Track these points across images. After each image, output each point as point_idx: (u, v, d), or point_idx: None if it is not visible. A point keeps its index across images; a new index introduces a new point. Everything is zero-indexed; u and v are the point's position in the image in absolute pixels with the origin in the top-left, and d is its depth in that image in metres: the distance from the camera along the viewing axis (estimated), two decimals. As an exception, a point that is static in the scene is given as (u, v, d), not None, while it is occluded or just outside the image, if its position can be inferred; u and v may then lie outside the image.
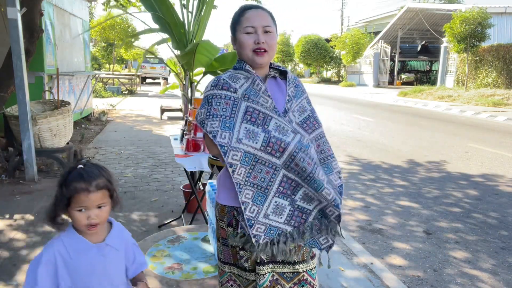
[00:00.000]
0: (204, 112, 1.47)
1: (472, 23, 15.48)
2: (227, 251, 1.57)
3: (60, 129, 4.98)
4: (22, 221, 3.61)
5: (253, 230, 1.43)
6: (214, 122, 1.44)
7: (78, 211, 1.28)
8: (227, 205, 1.54)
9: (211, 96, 1.49)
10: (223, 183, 1.56)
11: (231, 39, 1.61)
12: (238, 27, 1.55)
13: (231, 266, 1.58)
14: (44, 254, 1.31)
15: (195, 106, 3.33)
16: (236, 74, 1.54)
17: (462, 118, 11.74)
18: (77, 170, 1.31)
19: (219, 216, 1.57)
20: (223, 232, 1.56)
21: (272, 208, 1.47)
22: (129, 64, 32.02)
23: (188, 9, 4.15)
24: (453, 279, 2.87)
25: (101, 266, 1.35)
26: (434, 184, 5.14)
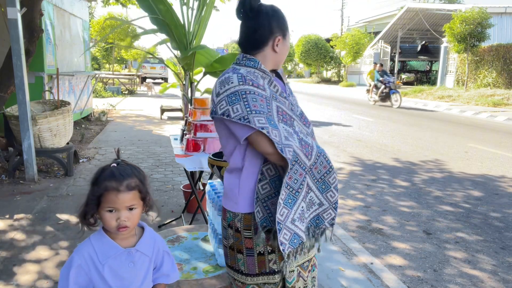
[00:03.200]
0: (242, 107, 1.34)
1: (472, 23, 15.48)
2: (252, 261, 1.46)
3: (60, 129, 4.98)
4: (22, 221, 3.61)
5: (281, 237, 1.35)
6: (260, 118, 1.33)
7: (108, 212, 1.24)
8: (252, 212, 1.44)
9: (243, 92, 1.36)
10: (244, 189, 1.45)
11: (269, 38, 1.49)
12: (288, 31, 1.53)
13: (255, 277, 1.48)
14: (74, 257, 1.27)
15: (195, 106, 3.33)
16: (252, 71, 1.45)
17: (462, 118, 11.74)
18: (110, 168, 1.27)
19: (244, 226, 1.45)
20: (249, 242, 1.45)
21: (299, 213, 1.40)
22: (129, 64, 32.01)
23: (188, 8, 4.15)
24: (453, 279, 2.87)
25: (130, 272, 1.31)
26: (434, 184, 5.14)
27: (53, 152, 4.96)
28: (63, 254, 3.01)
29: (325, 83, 31.58)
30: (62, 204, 4.05)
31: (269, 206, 1.43)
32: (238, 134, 1.38)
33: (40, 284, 2.60)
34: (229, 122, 1.39)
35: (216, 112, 1.39)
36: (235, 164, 1.46)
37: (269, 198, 1.42)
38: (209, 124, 3.29)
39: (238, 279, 1.51)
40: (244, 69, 1.45)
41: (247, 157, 1.44)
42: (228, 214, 1.49)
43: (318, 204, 1.47)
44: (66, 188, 4.56)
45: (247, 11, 1.47)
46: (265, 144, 1.34)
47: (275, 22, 1.48)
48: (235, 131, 1.39)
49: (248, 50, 1.51)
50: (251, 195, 1.44)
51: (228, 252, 1.53)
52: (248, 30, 1.49)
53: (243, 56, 1.50)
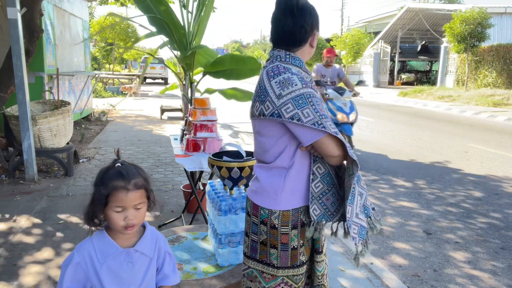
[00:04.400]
0: (312, 112, 1.37)
1: (472, 23, 15.48)
2: (286, 255, 1.52)
3: (60, 129, 4.98)
4: (22, 221, 3.61)
5: (352, 232, 1.42)
6: (330, 123, 1.39)
7: (116, 211, 1.24)
8: (291, 208, 1.50)
9: (308, 95, 1.39)
10: (290, 187, 1.49)
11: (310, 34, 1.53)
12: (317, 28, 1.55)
13: (286, 269, 1.54)
14: (74, 254, 1.28)
15: (195, 106, 3.33)
16: (300, 72, 1.48)
17: (462, 118, 11.74)
18: (115, 168, 1.27)
19: (282, 222, 1.50)
20: (285, 237, 1.51)
21: (359, 206, 1.47)
22: (129, 64, 32.02)
23: (188, 10, 4.15)
24: (453, 279, 2.87)
25: (128, 272, 1.30)
26: (434, 184, 5.14)
27: (53, 152, 4.96)
28: (63, 254, 3.01)
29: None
30: (62, 204, 4.05)
31: (325, 202, 1.51)
32: (305, 137, 1.41)
33: (40, 284, 2.60)
34: (295, 125, 1.40)
35: (281, 115, 1.39)
36: (281, 164, 1.49)
37: (323, 195, 1.51)
38: (209, 124, 3.29)
39: (267, 271, 1.56)
40: (295, 69, 1.47)
41: (296, 157, 1.48)
42: (262, 211, 1.54)
43: (359, 194, 1.52)
44: (66, 188, 4.56)
45: (293, 8, 1.48)
46: (333, 147, 1.41)
47: (315, 18, 1.53)
48: (300, 134, 1.41)
49: (288, 47, 1.51)
50: (295, 193, 1.50)
51: (259, 247, 1.57)
52: (293, 27, 1.49)
53: (286, 53, 1.50)
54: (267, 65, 1.52)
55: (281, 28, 1.51)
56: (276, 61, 1.50)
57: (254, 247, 1.59)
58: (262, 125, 1.49)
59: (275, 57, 1.51)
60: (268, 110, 1.42)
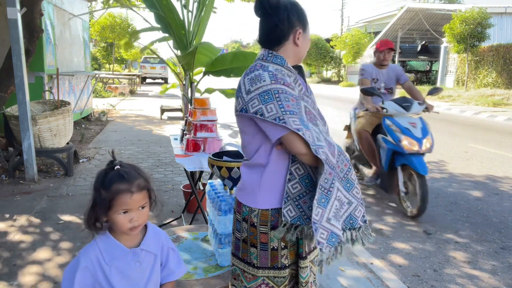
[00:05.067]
0: (276, 107, 1.35)
1: (472, 23, 15.48)
2: (266, 255, 1.51)
3: (60, 129, 4.98)
4: (22, 221, 3.61)
5: (317, 236, 1.37)
6: (295, 119, 1.35)
7: (121, 214, 1.23)
8: (270, 208, 1.48)
9: (275, 91, 1.37)
10: (266, 185, 1.47)
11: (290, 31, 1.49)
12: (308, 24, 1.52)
13: (266, 270, 1.52)
14: (81, 259, 1.27)
15: (195, 106, 3.33)
16: (280, 69, 1.45)
17: (462, 118, 11.74)
18: (115, 171, 1.26)
19: (261, 221, 1.48)
20: (264, 237, 1.49)
21: (334, 212, 1.41)
22: (129, 64, 32.01)
23: (188, 10, 4.16)
24: (453, 279, 2.87)
25: (136, 271, 1.31)
26: (434, 184, 5.13)
27: (53, 152, 4.96)
28: (63, 254, 3.01)
29: (325, 83, 31.59)
30: (62, 204, 4.05)
31: (301, 204, 1.46)
32: (271, 133, 1.40)
33: (40, 284, 2.60)
34: (261, 121, 1.40)
35: (247, 110, 1.40)
36: (258, 161, 1.48)
37: (300, 197, 1.46)
38: (209, 124, 3.29)
39: (248, 271, 1.54)
40: (273, 67, 1.46)
41: (273, 155, 1.46)
42: (244, 208, 1.53)
43: (347, 203, 1.48)
44: (66, 188, 4.56)
45: (266, 7, 1.47)
46: (299, 145, 1.36)
47: (294, 16, 1.49)
48: (267, 130, 1.40)
49: (270, 47, 1.52)
50: (272, 192, 1.47)
51: (241, 244, 1.56)
52: (269, 27, 1.50)
53: (268, 52, 1.50)
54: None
55: (261, 29, 1.53)
56: (258, 60, 1.51)
57: (237, 245, 1.59)
58: (240, 121, 1.51)
59: (259, 56, 1.53)
60: (239, 106, 1.44)
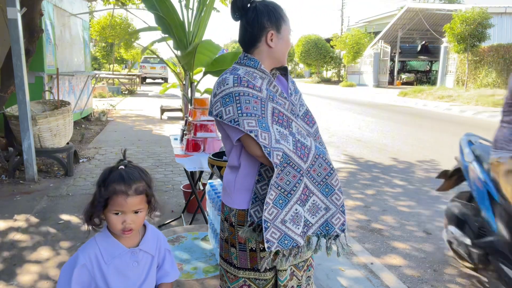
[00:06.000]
0: (234, 109, 1.36)
1: (472, 23, 15.48)
2: (245, 256, 1.50)
3: (60, 129, 4.98)
4: (22, 221, 3.61)
5: (267, 235, 1.37)
6: (250, 121, 1.35)
7: (114, 214, 1.25)
8: (246, 208, 1.48)
9: (237, 93, 1.37)
10: (239, 186, 1.48)
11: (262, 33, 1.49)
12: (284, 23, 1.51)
13: (247, 271, 1.52)
14: (79, 256, 1.28)
15: (195, 106, 3.33)
16: (251, 72, 1.45)
17: (462, 118, 11.74)
18: (118, 171, 1.26)
19: (238, 221, 1.49)
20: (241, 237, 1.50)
21: (291, 215, 1.39)
22: (129, 64, 31.99)
23: (188, 9, 4.16)
24: (452, 279, 2.87)
25: (134, 271, 1.32)
26: (434, 184, 5.13)
27: (53, 152, 4.96)
28: (63, 254, 3.01)
29: (325, 83, 31.59)
30: (62, 204, 4.05)
31: None
32: (231, 135, 1.44)
33: (40, 284, 2.60)
34: (220, 122, 1.44)
35: (211, 112, 1.44)
36: (232, 162, 1.51)
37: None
38: (209, 124, 3.29)
39: (230, 271, 1.55)
40: (243, 69, 1.47)
41: (243, 157, 1.48)
42: (225, 208, 1.55)
43: (324, 208, 1.48)
44: (66, 188, 4.56)
45: (237, 10, 1.49)
46: (254, 146, 1.37)
47: (265, 17, 1.47)
48: (228, 132, 1.44)
49: (245, 49, 1.53)
50: (245, 193, 1.49)
51: (223, 244, 1.58)
52: (241, 29, 1.52)
53: (244, 55, 1.52)
54: None
55: (238, 32, 1.54)
56: (234, 63, 1.53)
57: (221, 245, 1.60)
58: (216, 124, 1.55)
59: (237, 59, 1.55)
60: (209, 110, 1.48)
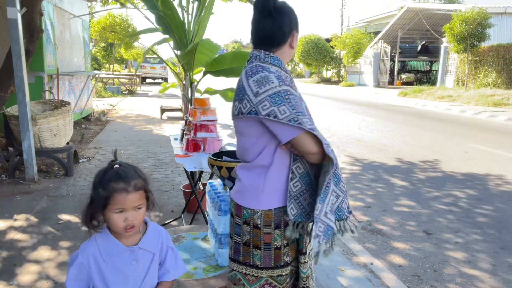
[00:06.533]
0: (289, 109, 1.37)
1: (472, 23, 15.48)
2: (269, 255, 1.52)
3: (60, 129, 4.98)
4: (22, 221, 3.61)
5: (316, 230, 1.42)
6: (307, 119, 1.38)
7: (115, 213, 1.25)
8: (273, 208, 1.50)
9: (285, 92, 1.39)
10: (270, 186, 1.49)
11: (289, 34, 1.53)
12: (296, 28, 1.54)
13: (270, 270, 1.53)
14: (79, 255, 1.29)
15: (195, 106, 3.33)
16: (279, 71, 1.48)
17: (462, 118, 11.74)
18: (114, 170, 1.27)
19: (264, 222, 1.50)
20: (267, 237, 1.51)
21: (330, 206, 1.45)
22: (129, 64, 32.00)
23: (188, 11, 4.15)
24: (452, 279, 2.87)
25: (133, 269, 1.32)
26: (434, 184, 5.14)
27: (53, 152, 4.96)
28: (63, 254, 3.01)
29: (325, 83, 31.59)
30: (62, 204, 4.05)
31: (302, 202, 1.51)
32: (283, 134, 1.40)
33: (40, 284, 2.60)
34: (271, 122, 1.40)
35: (258, 112, 1.40)
36: (261, 163, 1.49)
37: (301, 195, 1.50)
38: (209, 124, 3.29)
39: (251, 273, 1.55)
40: (273, 68, 1.47)
41: (277, 155, 1.48)
42: (244, 211, 1.53)
43: (335, 196, 1.51)
44: (66, 188, 4.56)
45: (270, 9, 1.48)
46: (311, 144, 1.39)
47: (294, 20, 1.53)
48: (278, 131, 1.41)
49: (267, 48, 1.52)
50: (275, 192, 1.50)
51: (242, 248, 1.56)
52: (271, 29, 1.50)
53: (265, 54, 1.51)
54: (246, 65, 1.52)
55: (260, 30, 1.52)
56: (255, 61, 1.51)
57: (237, 249, 1.58)
58: (242, 124, 1.50)
59: (255, 57, 1.53)
60: (246, 108, 1.43)
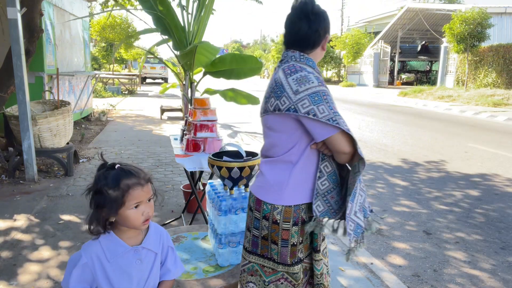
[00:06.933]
0: (327, 108, 1.43)
1: (472, 23, 15.48)
2: (286, 251, 1.56)
3: (60, 129, 4.98)
4: (22, 221, 3.61)
5: (348, 228, 1.49)
6: (342, 120, 1.44)
7: (132, 209, 1.26)
8: (293, 204, 1.54)
9: (323, 93, 1.45)
10: (295, 182, 1.53)
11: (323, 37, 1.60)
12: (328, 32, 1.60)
13: (286, 266, 1.58)
14: (82, 256, 1.28)
15: (195, 106, 3.33)
16: (314, 72, 1.54)
17: (462, 118, 11.74)
18: (118, 169, 1.28)
19: (284, 218, 1.54)
20: (286, 233, 1.54)
21: (359, 205, 1.51)
22: (129, 64, 31.99)
23: (188, 11, 4.15)
24: (453, 279, 2.87)
25: (137, 269, 1.33)
26: (434, 184, 5.14)
27: (53, 152, 4.96)
28: (63, 254, 3.01)
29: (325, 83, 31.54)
30: (62, 204, 4.05)
31: (329, 200, 1.56)
32: (319, 133, 1.46)
33: (40, 284, 2.60)
34: (310, 120, 1.44)
35: (297, 109, 1.44)
36: (288, 158, 1.53)
37: (328, 193, 1.56)
38: (209, 124, 3.29)
39: (268, 265, 1.60)
40: (310, 69, 1.54)
41: (305, 153, 1.53)
42: (265, 206, 1.57)
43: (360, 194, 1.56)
44: (66, 188, 4.56)
45: (308, 13, 1.54)
46: (344, 144, 1.45)
47: (327, 23, 1.61)
48: (315, 129, 1.46)
49: (302, 48, 1.58)
50: (299, 189, 1.54)
51: (260, 241, 1.61)
52: (307, 31, 1.55)
53: (300, 54, 1.57)
54: (281, 64, 1.57)
55: (296, 31, 1.57)
56: (291, 61, 1.55)
57: (255, 242, 1.62)
58: (276, 120, 1.53)
59: (290, 57, 1.57)
60: (284, 105, 1.47)
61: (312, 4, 1.55)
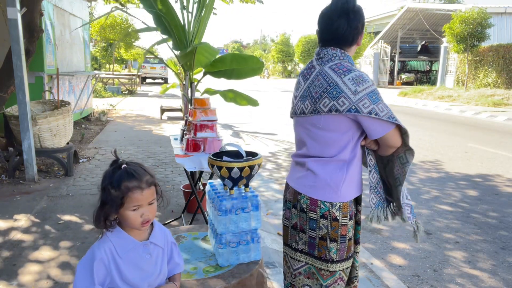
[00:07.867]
0: (385, 107, 1.50)
1: (472, 23, 15.48)
2: (344, 247, 1.59)
3: (60, 129, 4.98)
4: (22, 221, 3.61)
5: (405, 213, 1.65)
6: (396, 116, 1.53)
7: (132, 211, 1.28)
8: (349, 200, 1.59)
9: (377, 91, 1.51)
10: (350, 179, 1.58)
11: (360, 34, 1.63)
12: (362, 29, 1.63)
13: (343, 262, 1.61)
14: (96, 252, 1.30)
15: (195, 106, 3.33)
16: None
17: (462, 118, 11.74)
18: (123, 169, 1.29)
19: (342, 214, 1.57)
20: (344, 228, 1.58)
21: (407, 189, 1.67)
22: (129, 64, 31.99)
23: (188, 10, 4.15)
24: (453, 279, 2.87)
25: (147, 263, 1.37)
26: (434, 184, 5.14)
27: (53, 152, 4.96)
28: (63, 254, 3.01)
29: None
30: (62, 204, 4.05)
31: (379, 190, 1.68)
32: (377, 130, 1.51)
33: (40, 284, 2.60)
34: (370, 119, 1.49)
35: (359, 110, 1.47)
36: (342, 157, 1.57)
37: (377, 184, 1.68)
38: (209, 124, 3.29)
39: (326, 268, 1.60)
40: (355, 67, 1.59)
41: (356, 150, 1.59)
42: (322, 205, 1.57)
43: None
44: (66, 188, 4.56)
45: (349, 11, 1.55)
46: (398, 138, 1.56)
47: (364, 20, 1.64)
48: (373, 127, 1.51)
49: (340, 46, 1.60)
50: (353, 184, 1.60)
51: (317, 242, 1.60)
52: (347, 28, 1.57)
53: (341, 52, 1.59)
54: (322, 62, 1.57)
55: (335, 29, 1.57)
56: (335, 59, 1.57)
57: (312, 243, 1.62)
58: (330, 120, 1.54)
59: (331, 55, 1.58)
60: (344, 106, 1.48)
61: (353, 3, 1.57)
